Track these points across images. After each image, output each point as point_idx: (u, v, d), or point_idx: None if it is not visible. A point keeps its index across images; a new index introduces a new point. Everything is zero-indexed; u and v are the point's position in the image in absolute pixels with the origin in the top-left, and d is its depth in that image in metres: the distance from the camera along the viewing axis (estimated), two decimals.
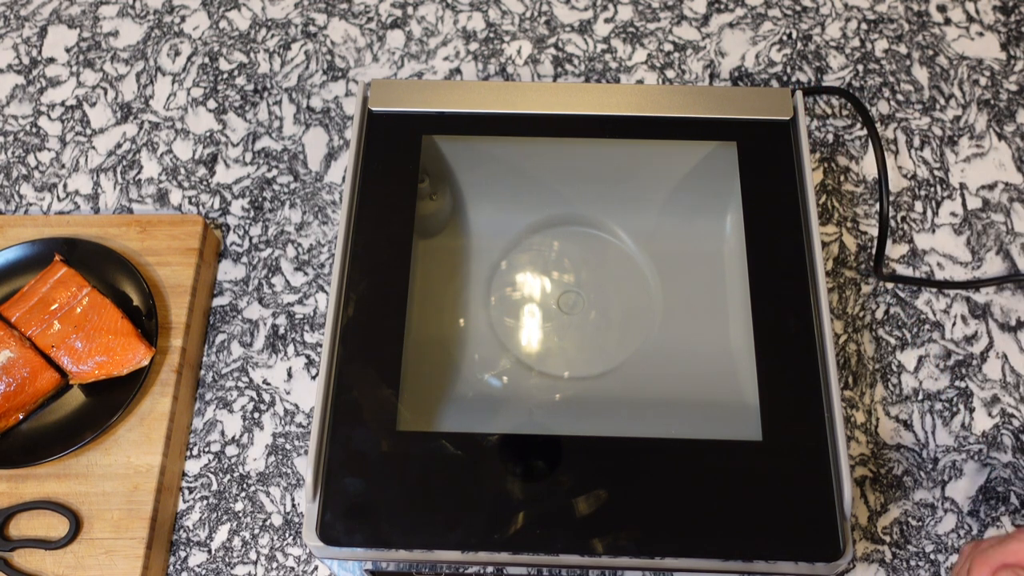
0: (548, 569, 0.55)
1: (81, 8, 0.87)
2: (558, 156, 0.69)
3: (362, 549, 0.53)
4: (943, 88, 0.81)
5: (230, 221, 0.76)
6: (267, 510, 0.66)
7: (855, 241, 0.74)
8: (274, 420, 0.69)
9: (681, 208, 0.70)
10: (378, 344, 0.58)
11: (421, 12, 0.86)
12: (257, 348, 0.71)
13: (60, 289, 0.67)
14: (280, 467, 0.67)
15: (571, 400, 0.64)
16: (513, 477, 0.53)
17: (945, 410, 0.68)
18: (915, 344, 0.70)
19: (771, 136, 0.64)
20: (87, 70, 0.83)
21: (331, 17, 0.85)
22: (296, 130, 0.80)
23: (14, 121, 0.81)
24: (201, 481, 0.67)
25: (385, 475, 0.54)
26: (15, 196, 0.78)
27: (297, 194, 0.77)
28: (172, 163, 0.79)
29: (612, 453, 0.54)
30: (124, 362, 0.65)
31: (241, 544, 0.65)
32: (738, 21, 0.85)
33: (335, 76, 0.82)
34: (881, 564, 0.63)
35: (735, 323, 0.63)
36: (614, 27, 0.84)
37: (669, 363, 0.65)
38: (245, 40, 0.84)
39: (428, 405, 0.61)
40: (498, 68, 0.82)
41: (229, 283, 0.74)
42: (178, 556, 0.65)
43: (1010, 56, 0.82)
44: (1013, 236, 0.74)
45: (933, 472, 0.66)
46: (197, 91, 0.82)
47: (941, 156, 0.78)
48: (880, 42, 0.83)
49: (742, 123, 0.65)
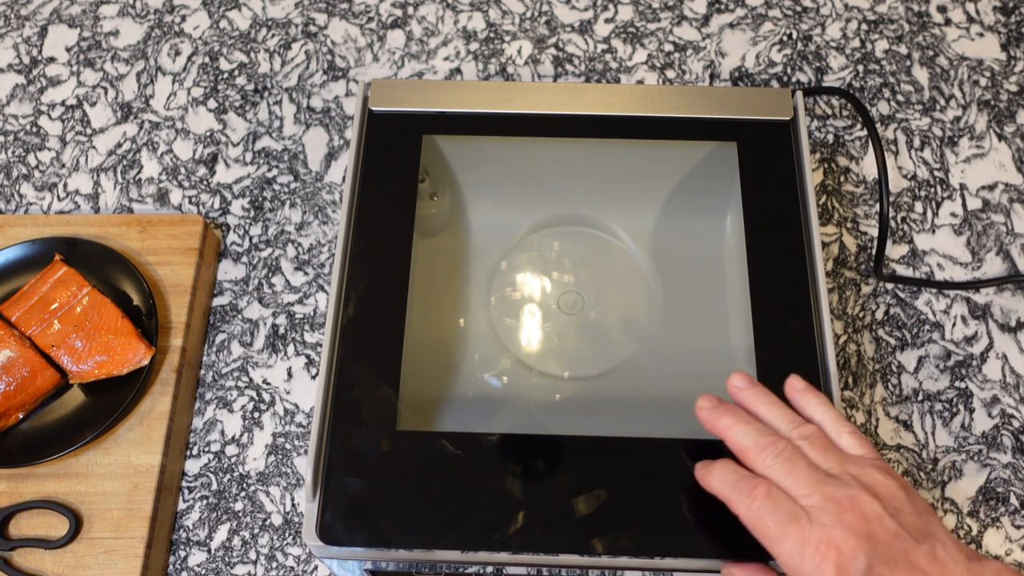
0: (548, 569, 0.55)
1: (81, 8, 0.87)
2: (558, 156, 0.69)
3: (362, 549, 0.53)
4: (943, 89, 0.81)
5: (230, 221, 0.76)
6: (267, 510, 0.66)
7: (855, 241, 0.74)
8: (274, 420, 0.69)
9: (681, 208, 0.70)
10: (378, 344, 0.58)
11: (421, 12, 0.86)
12: (257, 348, 0.71)
13: (60, 288, 0.67)
14: (280, 467, 0.67)
15: (571, 400, 0.64)
16: (513, 477, 0.54)
17: (945, 411, 0.68)
18: (915, 345, 0.70)
19: (771, 136, 0.64)
20: (87, 70, 0.83)
21: (331, 17, 0.86)
22: (296, 130, 0.80)
23: (14, 120, 0.81)
24: (201, 481, 0.67)
25: (385, 475, 0.54)
26: (15, 195, 0.78)
27: (297, 194, 0.77)
28: (172, 163, 0.79)
29: (612, 453, 0.54)
30: (124, 362, 0.65)
31: (241, 544, 0.65)
32: (738, 21, 0.85)
33: (335, 76, 0.82)
34: None
35: (735, 323, 0.63)
36: (614, 27, 0.84)
37: (669, 363, 0.65)
38: (245, 40, 0.84)
39: (428, 405, 0.61)
40: (498, 68, 0.82)
41: (229, 283, 0.74)
42: (178, 556, 0.65)
43: (1010, 57, 0.82)
44: (1013, 237, 0.74)
45: (933, 473, 0.66)
46: (197, 91, 0.82)
47: (941, 157, 0.78)
48: (880, 43, 0.83)
49: (742, 123, 0.65)
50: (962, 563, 0.45)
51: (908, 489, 0.47)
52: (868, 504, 0.45)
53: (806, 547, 0.44)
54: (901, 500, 0.46)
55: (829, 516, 0.45)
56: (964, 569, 0.44)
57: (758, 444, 0.48)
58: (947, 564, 0.44)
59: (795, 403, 0.52)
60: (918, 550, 0.44)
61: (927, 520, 0.46)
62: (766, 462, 0.47)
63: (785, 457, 0.47)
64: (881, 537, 0.44)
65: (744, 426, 0.49)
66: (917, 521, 0.46)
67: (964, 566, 0.44)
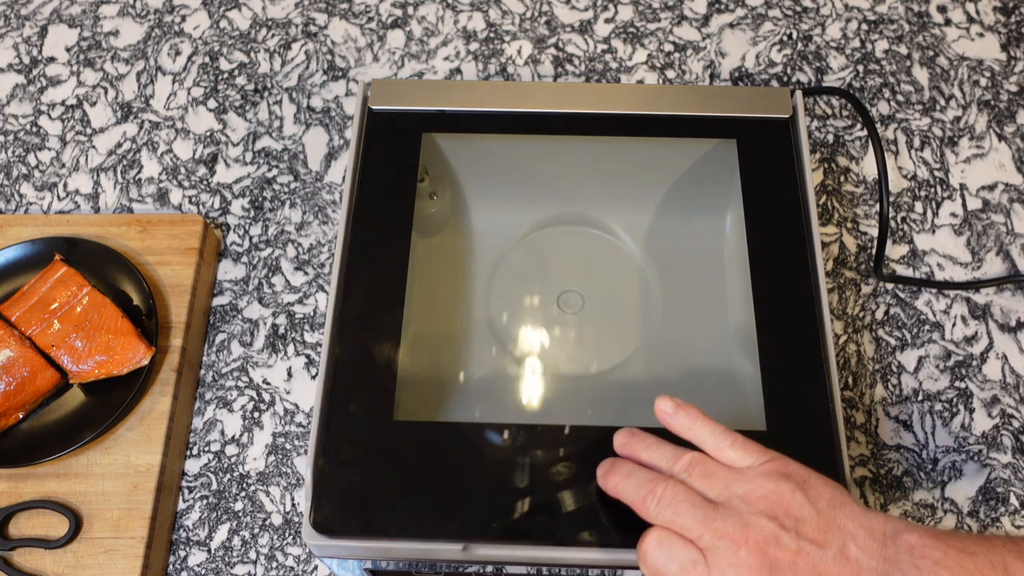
0: (548, 569, 0.55)
1: (81, 7, 0.87)
2: (558, 154, 0.69)
3: (361, 548, 0.52)
4: (943, 89, 0.81)
5: (230, 221, 0.76)
6: (267, 510, 0.66)
7: (855, 241, 0.74)
8: (274, 420, 0.69)
9: (681, 207, 0.70)
10: (378, 344, 0.58)
11: (421, 12, 0.86)
12: (257, 348, 0.71)
13: (60, 288, 0.67)
14: (280, 467, 0.67)
15: (571, 400, 0.64)
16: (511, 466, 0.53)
17: (945, 411, 0.68)
18: (915, 345, 0.70)
19: (771, 134, 0.64)
20: (87, 69, 0.83)
21: (331, 17, 0.86)
22: (296, 130, 0.80)
23: (14, 120, 0.81)
24: (201, 480, 0.67)
25: (380, 466, 0.54)
26: (15, 195, 0.78)
27: (297, 194, 0.77)
28: (172, 163, 0.79)
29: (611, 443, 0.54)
30: (124, 361, 0.65)
31: (241, 544, 0.65)
32: (738, 21, 0.85)
33: (335, 76, 0.82)
34: None
35: (735, 322, 0.63)
36: (614, 27, 0.84)
37: (669, 362, 0.65)
38: (245, 40, 0.84)
39: (427, 405, 0.61)
40: (498, 68, 0.82)
41: (229, 283, 0.74)
42: (178, 555, 0.65)
43: (1010, 57, 0.82)
44: (1013, 237, 0.74)
45: (933, 473, 0.66)
46: (197, 91, 0.82)
47: (941, 157, 0.78)
48: (880, 43, 0.83)
49: (742, 121, 0.65)
50: (876, 553, 0.43)
51: (805, 483, 0.45)
52: (760, 529, 0.43)
53: None
54: (799, 505, 0.44)
55: (724, 555, 0.43)
56: (879, 560, 0.43)
57: (638, 496, 0.47)
58: (860, 561, 0.43)
59: (671, 428, 0.50)
60: (825, 558, 0.43)
61: (831, 516, 0.44)
62: (652, 511, 0.46)
63: (667, 502, 0.45)
64: (783, 560, 0.43)
65: (626, 480, 0.48)
66: (820, 522, 0.44)
67: (878, 556, 0.43)
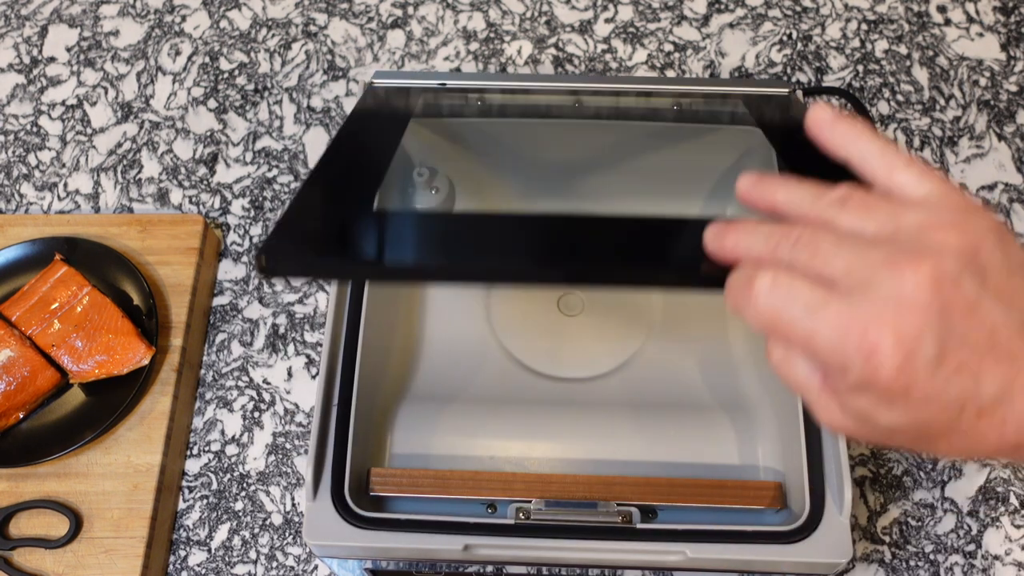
0: (548, 569, 0.55)
1: (82, 7, 0.87)
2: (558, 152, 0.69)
3: (361, 547, 0.52)
4: (943, 89, 0.81)
5: (230, 220, 0.76)
6: (267, 509, 0.66)
7: None
8: (274, 419, 0.69)
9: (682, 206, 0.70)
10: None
11: (421, 12, 0.86)
12: (257, 347, 0.71)
13: (60, 288, 0.67)
14: (280, 466, 0.67)
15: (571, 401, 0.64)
16: None
17: None
18: None
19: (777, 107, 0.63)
20: (88, 69, 0.84)
21: (332, 17, 0.86)
22: (296, 130, 0.80)
23: (15, 120, 0.81)
24: (201, 480, 0.67)
25: None
26: (15, 195, 0.78)
27: None
28: (172, 162, 0.79)
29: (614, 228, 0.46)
30: (124, 361, 0.65)
31: (241, 543, 0.65)
32: (738, 21, 0.85)
33: (335, 76, 0.82)
34: (880, 564, 0.63)
35: (735, 323, 0.63)
36: (614, 27, 0.84)
37: (669, 363, 0.65)
38: (246, 40, 0.85)
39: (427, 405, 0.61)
40: (498, 68, 0.83)
41: (229, 282, 0.74)
42: (178, 555, 0.65)
43: (1010, 57, 0.82)
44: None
45: (933, 472, 0.66)
46: (198, 91, 0.82)
47: (941, 157, 0.78)
48: (880, 43, 0.83)
49: (754, 97, 0.63)
50: None
51: (1000, 229, 0.33)
52: (939, 260, 0.31)
53: (847, 335, 0.30)
54: (990, 249, 0.32)
55: (884, 285, 0.30)
56: None
57: (768, 246, 0.34)
58: None
59: (826, 145, 0.37)
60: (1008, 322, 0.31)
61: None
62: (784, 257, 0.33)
63: (804, 242, 0.33)
64: (958, 305, 0.30)
65: (749, 236, 0.35)
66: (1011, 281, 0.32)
67: None
